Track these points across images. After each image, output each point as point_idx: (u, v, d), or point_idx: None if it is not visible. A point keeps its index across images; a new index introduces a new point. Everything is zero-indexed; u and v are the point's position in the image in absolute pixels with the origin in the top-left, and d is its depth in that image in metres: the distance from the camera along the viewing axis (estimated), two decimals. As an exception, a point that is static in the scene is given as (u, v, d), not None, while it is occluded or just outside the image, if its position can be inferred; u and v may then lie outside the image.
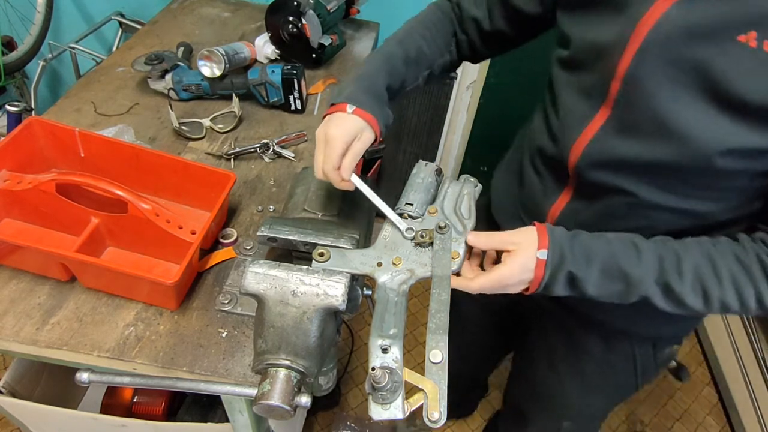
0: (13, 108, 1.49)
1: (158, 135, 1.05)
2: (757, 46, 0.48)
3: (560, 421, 1.04)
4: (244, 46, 1.21)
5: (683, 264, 0.58)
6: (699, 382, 1.94)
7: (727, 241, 0.60)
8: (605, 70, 0.60)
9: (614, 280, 0.60)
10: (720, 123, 0.52)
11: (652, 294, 0.59)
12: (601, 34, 0.60)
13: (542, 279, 0.60)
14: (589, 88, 0.64)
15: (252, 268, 0.59)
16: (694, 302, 0.59)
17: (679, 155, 0.56)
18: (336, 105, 0.67)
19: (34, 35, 1.59)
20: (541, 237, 0.61)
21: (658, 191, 0.62)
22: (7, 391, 0.93)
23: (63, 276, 0.76)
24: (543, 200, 0.76)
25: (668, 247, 0.60)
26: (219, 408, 1.09)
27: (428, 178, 0.73)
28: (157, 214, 0.75)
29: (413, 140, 1.92)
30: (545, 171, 0.76)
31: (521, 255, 0.60)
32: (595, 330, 0.85)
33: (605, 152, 0.63)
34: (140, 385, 0.58)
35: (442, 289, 0.59)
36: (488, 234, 0.64)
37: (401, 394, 0.51)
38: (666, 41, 0.53)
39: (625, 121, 0.60)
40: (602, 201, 0.68)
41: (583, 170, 0.67)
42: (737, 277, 0.57)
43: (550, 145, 0.72)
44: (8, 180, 0.76)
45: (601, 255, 0.60)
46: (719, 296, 0.58)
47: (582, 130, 0.65)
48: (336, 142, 0.63)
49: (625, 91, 0.58)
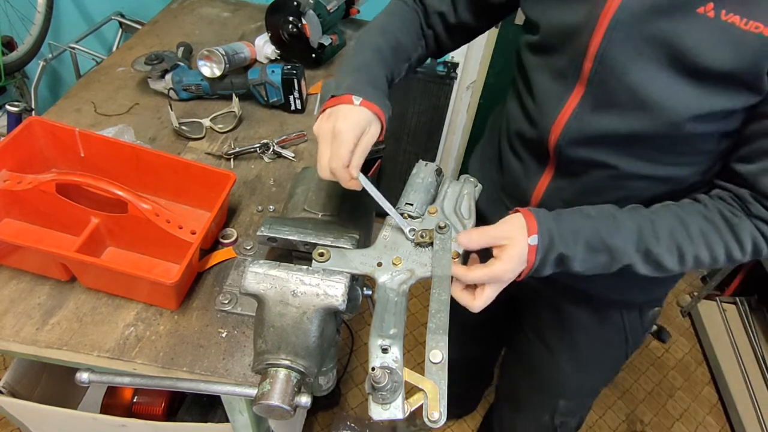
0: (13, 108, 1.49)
1: (158, 135, 1.05)
2: (715, 16, 0.52)
3: (556, 400, 1.06)
4: (244, 46, 1.21)
5: (658, 228, 0.61)
6: (699, 382, 1.94)
7: (690, 203, 0.64)
8: (576, 51, 0.62)
9: (598, 253, 0.61)
10: (688, 91, 0.56)
11: (634, 261, 0.62)
12: (568, 16, 0.62)
13: (534, 264, 0.60)
14: (562, 69, 0.66)
15: (252, 268, 0.59)
16: (670, 262, 0.62)
17: (654, 125, 0.60)
18: (338, 97, 0.64)
19: (34, 35, 1.59)
20: (529, 223, 0.61)
21: (637, 161, 0.65)
22: (7, 391, 0.93)
23: (63, 276, 0.76)
24: (526, 182, 0.78)
25: (642, 215, 0.62)
26: (219, 408, 1.09)
27: (428, 178, 0.73)
28: (157, 214, 0.75)
29: (413, 140, 1.92)
30: (525, 154, 0.77)
31: (515, 248, 0.60)
32: (584, 304, 0.87)
33: (584, 129, 0.66)
34: (140, 385, 0.58)
35: (442, 289, 0.59)
36: (478, 232, 0.62)
37: (401, 394, 0.51)
38: (633, 18, 0.56)
39: (600, 97, 0.63)
40: (584, 176, 0.71)
41: (563, 149, 0.69)
42: (707, 234, 0.61)
43: (528, 129, 0.74)
44: (8, 180, 0.76)
45: (584, 231, 0.61)
46: (693, 253, 0.61)
47: (559, 111, 0.67)
48: (346, 136, 0.60)
49: (598, 69, 0.61)
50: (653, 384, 1.91)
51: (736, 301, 2.09)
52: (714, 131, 0.61)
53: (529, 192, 0.78)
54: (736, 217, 0.61)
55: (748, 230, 0.60)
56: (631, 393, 1.87)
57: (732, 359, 1.91)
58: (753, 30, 0.51)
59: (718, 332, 2.00)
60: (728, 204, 0.62)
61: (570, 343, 0.95)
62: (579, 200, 0.71)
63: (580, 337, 0.93)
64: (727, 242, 0.61)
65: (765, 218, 0.60)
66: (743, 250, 0.61)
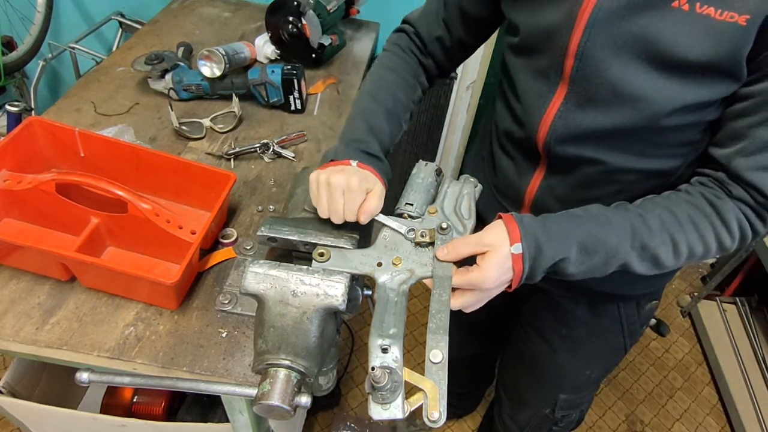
0: (13, 108, 1.49)
1: (158, 135, 1.05)
2: (690, 9, 0.53)
3: (556, 394, 1.06)
4: (244, 46, 1.21)
5: (649, 221, 0.61)
6: (699, 383, 1.94)
7: (673, 193, 0.65)
8: (557, 50, 0.64)
9: (593, 253, 0.60)
10: (669, 84, 0.58)
11: (630, 259, 0.61)
12: (547, 17, 0.64)
13: (522, 273, 0.59)
14: (545, 69, 0.67)
15: (252, 268, 0.58)
16: (665, 255, 0.61)
17: (637, 119, 0.61)
18: (336, 161, 0.67)
19: (34, 35, 1.59)
20: (511, 231, 0.59)
21: (625, 155, 0.67)
22: (7, 391, 0.93)
23: (63, 276, 0.76)
24: (518, 181, 0.79)
25: (631, 211, 0.62)
26: (219, 408, 1.09)
27: (428, 178, 0.73)
28: (157, 214, 0.75)
29: (413, 140, 1.92)
30: (516, 153, 0.79)
31: (494, 256, 0.58)
32: (582, 298, 0.88)
33: (570, 127, 0.67)
34: (140, 385, 0.58)
35: (443, 290, 0.59)
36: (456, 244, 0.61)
37: (401, 394, 0.51)
38: (610, 15, 0.57)
39: (583, 94, 0.64)
40: (575, 173, 0.72)
41: (552, 147, 0.70)
42: (695, 220, 0.61)
43: (516, 129, 0.76)
44: (8, 180, 0.76)
45: (576, 233, 0.60)
46: (686, 241, 0.61)
47: (545, 110, 0.68)
48: (358, 190, 0.63)
49: (579, 67, 0.62)
50: (653, 384, 1.91)
51: (736, 301, 2.09)
52: (697, 122, 0.62)
53: (522, 190, 0.79)
54: (719, 199, 0.61)
55: (733, 212, 0.60)
56: (631, 393, 1.87)
57: (732, 359, 1.91)
58: (728, 20, 0.52)
59: (718, 332, 2.00)
60: (709, 188, 0.63)
61: (569, 337, 0.96)
62: (572, 196, 0.73)
63: (579, 331, 0.94)
64: (715, 226, 0.61)
65: (745, 200, 0.60)
66: (731, 233, 0.61)
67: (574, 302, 0.90)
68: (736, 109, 0.59)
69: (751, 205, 0.60)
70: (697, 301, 2.09)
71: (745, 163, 0.59)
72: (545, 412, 1.11)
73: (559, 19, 0.62)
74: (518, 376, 1.15)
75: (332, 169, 0.66)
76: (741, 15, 0.52)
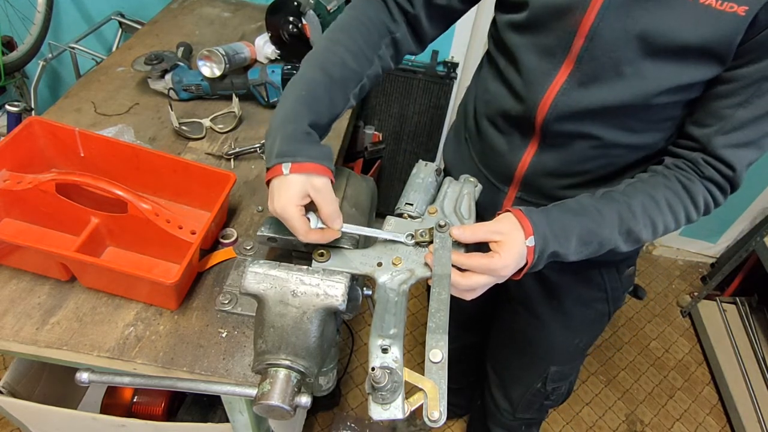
0: (13, 108, 1.49)
1: (158, 135, 1.05)
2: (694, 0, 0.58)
3: (547, 367, 1.09)
4: (244, 46, 1.21)
5: (633, 208, 0.66)
6: (699, 382, 1.94)
7: (651, 176, 0.70)
8: (566, 29, 0.65)
9: (589, 244, 0.66)
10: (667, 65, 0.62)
11: (618, 243, 0.67)
12: None
13: (532, 263, 0.63)
14: (551, 47, 0.68)
15: (252, 268, 0.58)
16: (645, 235, 0.68)
17: (634, 97, 0.65)
18: (271, 169, 0.62)
19: (34, 35, 1.59)
20: (524, 225, 0.63)
21: (617, 131, 0.70)
22: (7, 391, 0.93)
23: (63, 276, 0.76)
24: (510, 156, 0.81)
25: (617, 201, 0.67)
26: (219, 408, 1.09)
27: (428, 178, 0.73)
28: (157, 214, 0.75)
29: (413, 140, 1.92)
30: (510, 129, 0.80)
31: (515, 246, 0.62)
32: (566, 269, 0.89)
33: (572, 104, 0.69)
34: (140, 385, 0.58)
35: (442, 288, 0.59)
36: (472, 228, 0.64)
37: (401, 394, 0.51)
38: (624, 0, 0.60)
39: (588, 73, 0.66)
40: (568, 148, 0.74)
41: (551, 123, 0.72)
42: (671, 203, 0.68)
43: (513, 105, 0.76)
44: (8, 180, 0.76)
45: (574, 227, 0.65)
46: (663, 222, 0.68)
47: (547, 87, 0.70)
48: (291, 213, 0.59)
49: (589, 46, 0.64)
50: (653, 384, 1.91)
51: (736, 301, 2.09)
52: (680, 100, 0.67)
53: (513, 166, 0.81)
54: (691, 182, 0.68)
55: (701, 193, 0.68)
56: (631, 393, 1.87)
57: (732, 359, 1.91)
58: (728, 10, 0.56)
59: (718, 332, 2.00)
60: (683, 171, 0.69)
61: (559, 309, 0.99)
62: (561, 170, 0.77)
63: (567, 301, 0.98)
64: (686, 206, 0.68)
65: (715, 179, 0.67)
66: (698, 210, 0.69)
67: (560, 274, 0.94)
68: (719, 90, 0.64)
69: (717, 182, 0.67)
70: (697, 301, 2.09)
71: (723, 141, 0.65)
72: (537, 386, 1.13)
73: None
74: (509, 354, 1.17)
75: (271, 194, 0.62)
76: (740, 6, 0.56)
